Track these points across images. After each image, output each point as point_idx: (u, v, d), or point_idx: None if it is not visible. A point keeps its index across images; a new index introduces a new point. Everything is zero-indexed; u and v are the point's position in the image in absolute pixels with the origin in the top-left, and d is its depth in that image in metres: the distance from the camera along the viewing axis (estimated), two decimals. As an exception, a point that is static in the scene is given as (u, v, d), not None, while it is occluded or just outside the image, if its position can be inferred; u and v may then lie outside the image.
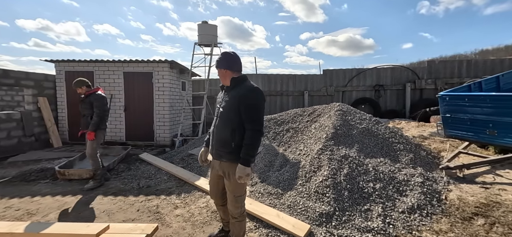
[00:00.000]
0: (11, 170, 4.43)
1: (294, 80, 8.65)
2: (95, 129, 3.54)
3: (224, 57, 1.89)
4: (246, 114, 1.76)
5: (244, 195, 1.96)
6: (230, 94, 1.85)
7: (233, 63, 1.88)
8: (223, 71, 1.87)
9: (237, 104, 1.77)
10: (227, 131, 1.80)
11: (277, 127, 5.22)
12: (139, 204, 3.19)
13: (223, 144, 1.83)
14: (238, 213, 1.93)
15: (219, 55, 1.92)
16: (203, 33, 6.84)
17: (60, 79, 6.46)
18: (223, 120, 1.85)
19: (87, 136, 3.54)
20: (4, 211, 3.00)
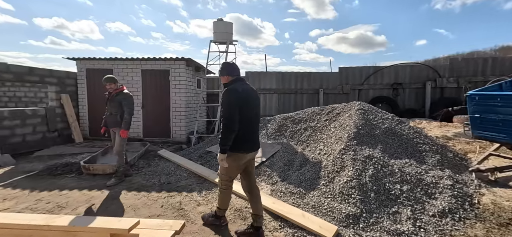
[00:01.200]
0: (38, 164, 4.61)
1: (309, 78, 8.53)
2: (128, 127, 3.66)
3: (223, 67, 2.36)
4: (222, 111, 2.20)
5: (224, 178, 2.38)
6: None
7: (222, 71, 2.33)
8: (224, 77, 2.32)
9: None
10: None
11: (295, 125, 5.17)
12: (162, 200, 3.24)
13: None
14: (219, 187, 2.47)
15: (221, 65, 2.37)
16: (218, 31, 6.85)
17: (81, 77, 6.65)
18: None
19: (121, 134, 3.64)
20: (36, 204, 3.12)
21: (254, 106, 2.30)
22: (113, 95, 3.70)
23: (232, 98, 2.11)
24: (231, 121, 2.08)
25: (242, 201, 3.12)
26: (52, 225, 2.09)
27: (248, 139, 2.24)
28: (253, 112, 2.29)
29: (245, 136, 2.19)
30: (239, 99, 2.12)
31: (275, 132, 5.21)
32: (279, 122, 5.42)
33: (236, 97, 2.12)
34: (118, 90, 3.73)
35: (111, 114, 3.73)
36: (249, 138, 2.24)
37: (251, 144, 2.27)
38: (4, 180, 3.84)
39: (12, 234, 2.14)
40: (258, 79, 8.67)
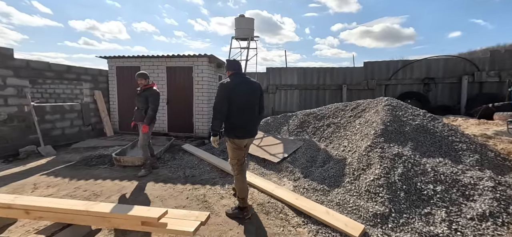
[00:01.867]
0: (75, 155, 5.00)
1: (332, 74, 8.29)
2: (150, 123, 3.81)
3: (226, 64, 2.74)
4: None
5: (233, 161, 2.63)
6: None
7: (226, 67, 2.71)
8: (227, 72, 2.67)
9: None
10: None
11: (317, 122, 5.06)
12: (187, 192, 3.35)
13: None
14: (234, 175, 2.68)
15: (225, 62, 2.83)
16: (240, 27, 6.88)
17: (112, 74, 7.07)
18: None
19: (142, 129, 3.80)
20: (75, 191, 3.39)
21: (249, 97, 2.56)
22: (142, 91, 3.87)
23: (220, 91, 2.46)
24: (216, 110, 2.45)
25: (265, 196, 3.13)
26: (90, 211, 2.25)
27: (240, 126, 2.51)
28: (247, 102, 2.54)
29: (236, 123, 2.49)
30: (227, 92, 2.44)
31: (297, 128, 5.14)
32: (301, 118, 5.34)
33: (224, 90, 2.45)
34: (148, 86, 3.89)
35: (137, 108, 3.91)
36: (241, 125, 2.51)
37: (243, 132, 2.53)
38: (47, 169, 4.21)
39: (56, 217, 2.34)
40: (279, 75, 8.60)
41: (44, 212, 2.35)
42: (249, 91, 2.57)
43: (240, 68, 2.70)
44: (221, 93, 2.46)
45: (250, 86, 2.59)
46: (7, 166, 4.29)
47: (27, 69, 5.10)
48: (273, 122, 5.65)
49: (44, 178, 3.81)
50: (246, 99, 2.53)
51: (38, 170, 4.15)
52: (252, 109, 2.60)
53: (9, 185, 3.53)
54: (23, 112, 4.96)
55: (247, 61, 6.94)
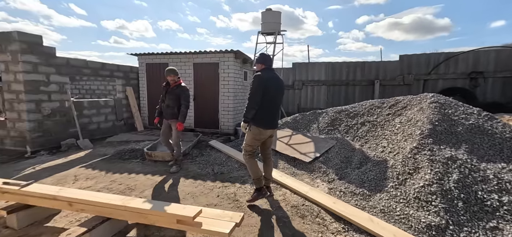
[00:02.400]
0: (110, 149, 5.23)
1: (363, 68, 7.80)
2: (184, 120, 3.81)
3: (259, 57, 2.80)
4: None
5: (248, 148, 2.79)
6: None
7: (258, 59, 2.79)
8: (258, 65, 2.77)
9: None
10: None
11: (350, 120, 4.75)
12: (217, 189, 3.30)
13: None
14: (244, 159, 2.87)
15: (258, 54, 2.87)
16: (266, 21, 6.70)
17: (142, 71, 7.30)
18: None
19: (177, 127, 3.80)
20: (111, 184, 3.50)
21: (276, 93, 2.72)
22: (172, 88, 3.85)
23: (257, 82, 2.60)
24: (254, 100, 2.59)
25: (298, 198, 2.97)
26: (127, 206, 2.27)
27: (267, 118, 2.69)
28: (274, 97, 2.70)
29: (264, 115, 2.66)
30: (262, 83, 2.58)
31: (328, 126, 4.87)
32: (332, 115, 5.06)
33: (261, 82, 2.59)
34: (177, 83, 3.87)
35: (168, 106, 3.83)
36: (267, 117, 2.69)
37: (268, 123, 2.71)
38: (86, 161, 4.44)
39: (96, 211, 2.40)
40: (306, 70, 8.29)
41: (86, 205, 2.42)
42: (277, 87, 2.74)
43: (271, 63, 2.85)
44: (257, 84, 2.60)
45: (278, 82, 2.78)
46: (52, 158, 4.59)
47: (67, 67, 5.42)
48: (301, 119, 5.43)
49: (83, 170, 4.00)
50: (274, 94, 2.70)
51: (77, 162, 4.38)
52: (277, 103, 2.78)
53: (53, 176, 3.75)
54: (64, 107, 5.29)
55: (273, 56, 6.74)
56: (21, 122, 4.69)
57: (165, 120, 3.97)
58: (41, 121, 4.87)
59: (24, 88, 4.58)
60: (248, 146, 2.79)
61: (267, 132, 2.74)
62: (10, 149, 4.82)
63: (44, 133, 4.93)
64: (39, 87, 4.82)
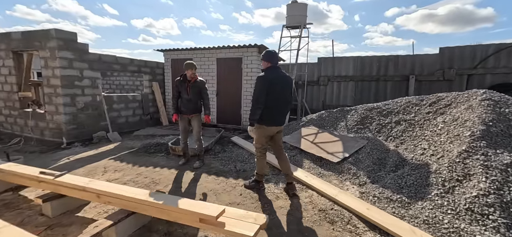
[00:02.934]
0: (137, 142, 5.39)
1: (396, 62, 7.20)
2: (210, 112, 3.78)
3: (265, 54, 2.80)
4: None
5: (258, 145, 2.90)
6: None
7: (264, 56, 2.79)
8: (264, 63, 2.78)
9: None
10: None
11: (382, 118, 4.37)
12: (240, 188, 3.19)
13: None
14: (256, 155, 2.95)
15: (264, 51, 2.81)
16: (291, 14, 6.44)
17: (167, 66, 7.46)
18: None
19: (206, 119, 3.77)
20: (137, 177, 3.57)
21: (282, 91, 2.73)
22: (194, 82, 3.75)
23: (261, 83, 2.64)
24: (257, 101, 2.64)
25: (326, 201, 2.76)
26: (151, 202, 2.25)
27: (270, 116, 2.73)
28: (280, 96, 2.73)
29: (269, 114, 2.71)
30: (266, 84, 2.62)
31: (357, 125, 4.54)
32: (362, 113, 4.71)
33: (264, 83, 2.63)
34: (196, 77, 3.75)
35: (190, 100, 3.73)
36: (270, 115, 2.73)
37: (271, 121, 2.76)
38: (114, 154, 4.60)
39: (122, 204, 2.42)
40: (332, 65, 7.89)
41: (112, 198, 2.45)
42: (283, 85, 2.75)
43: (277, 61, 2.85)
44: (260, 86, 2.65)
45: (284, 80, 2.78)
46: (84, 149, 4.84)
47: (99, 62, 5.67)
48: (328, 116, 5.14)
49: (112, 162, 4.14)
50: (280, 92, 2.72)
51: (107, 154, 4.56)
52: (284, 101, 2.79)
53: (85, 167, 3.93)
54: (96, 101, 5.55)
55: (298, 51, 6.49)
56: (58, 114, 5.00)
57: (185, 115, 3.84)
58: (75, 114, 5.16)
59: (61, 83, 4.86)
60: (257, 143, 2.89)
61: (272, 129, 2.80)
62: (49, 140, 5.17)
63: (78, 125, 5.22)
64: (74, 82, 5.10)
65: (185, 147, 4.03)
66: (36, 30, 4.89)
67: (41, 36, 4.84)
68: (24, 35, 5.02)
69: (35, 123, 5.30)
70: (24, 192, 3.08)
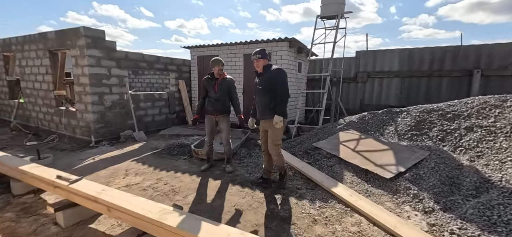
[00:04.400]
0: (161, 142, 5.21)
1: (455, 55, 6.03)
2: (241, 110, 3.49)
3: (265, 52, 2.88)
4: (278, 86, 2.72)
5: (279, 141, 2.84)
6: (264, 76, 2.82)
7: (265, 55, 2.86)
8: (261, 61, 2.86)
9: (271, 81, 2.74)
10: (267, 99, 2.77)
11: (447, 122, 3.51)
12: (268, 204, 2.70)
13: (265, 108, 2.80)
14: (275, 153, 2.86)
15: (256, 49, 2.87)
16: (327, 3, 5.72)
17: (194, 63, 7.25)
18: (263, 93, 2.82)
19: (241, 118, 3.47)
20: (157, 183, 3.28)
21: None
22: (222, 80, 3.41)
23: (285, 75, 2.75)
24: (288, 93, 2.71)
25: (380, 231, 2.12)
26: (163, 224, 1.87)
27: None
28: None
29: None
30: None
31: (411, 130, 3.73)
32: (417, 116, 3.88)
33: (286, 74, 2.78)
34: (224, 75, 3.44)
35: (217, 100, 3.42)
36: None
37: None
38: (138, 154, 4.44)
39: (133, 222, 2.08)
40: (373, 59, 6.95)
41: (122, 213, 2.13)
42: None
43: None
44: (286, 78, 2.76)
45: None
46: (110, 148, 4.77)
47: (126, 60, 5.61)
48: (371, 119, 4.38)
49: (134, 164, 3.95)
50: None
51: (131, 155, 4.41)
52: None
53: (108, 168, 3.78)
54: (123, 99, 5.50)
55: (335, 43, 5.74)
56: (87, 113, 5.01)
57: (211, 116, 3.51)
58: (103, 113, 5.14)
59: (89, 81, 4.84)
60: (279, 139, 2.85)
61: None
62: (80, 138, 5.23)
63: (105, 124, 5.19)
64: (102, 80, 5.06)
65: (210, 150, 3.68)
66: (67, 29, 4.93)
67: (71, 35, 4.87)
68: (57, 34, 5.12)
69: (68, 121, 5.41)
70: (45, 195, 2.95)
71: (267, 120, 2.81)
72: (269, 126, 2.78)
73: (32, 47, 5.68)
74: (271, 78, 2.71)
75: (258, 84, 2.89)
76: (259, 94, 2.85)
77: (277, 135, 2.78)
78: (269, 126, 2.79)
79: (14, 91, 6.74)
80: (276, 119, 2.63)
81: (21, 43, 5.91)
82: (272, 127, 2.71)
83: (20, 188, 2.96)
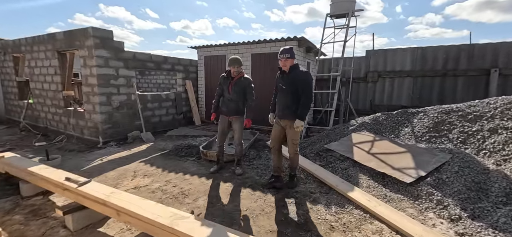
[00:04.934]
0: (169, 143, 5.15)
1: (470, 53, 5.81)
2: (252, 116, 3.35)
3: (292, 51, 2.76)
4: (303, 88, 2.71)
5: (298, 141, 2.88)
6: (289, 76, 2.73)
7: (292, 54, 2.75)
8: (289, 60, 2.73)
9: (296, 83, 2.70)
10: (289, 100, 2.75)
11: (468, 124, 3.34)
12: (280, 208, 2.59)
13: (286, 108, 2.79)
14: (293, 151, 2.88)
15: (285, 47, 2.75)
16: (338, 1, 5.57)
17: (201, 64, 7.19)
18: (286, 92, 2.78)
19: (246, 123, 3.32)
20: (166, 185, 3.20)
21: None
22: (237, 79, 3.26)
23: (311, 79, 2.80)
24: (312, 98, 2.72)
25: (406, 242, 1.98)
26: (175, 230, 1.80)
27: None
28: None
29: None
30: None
31: (429, 132, 3.57)
32: (435, 116, 3.71)
33: (312, 78, 2.93)
34: (241, 74, 3.29)
35: (231, 100, 3.28)
36: None
37: None
38: (146, 156, 4.38)
39: (143, 227, 2.01)
40: (384, 58, 6.77)
41: (132, 218, 2.05)
42: None
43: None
44: (312, 84, 2.82)
45: None
46: (118, 149, 4.73)
47: (133, 61, 5.57)
48: (385, 120, 4.22)
49: (142, 166, 3.89)
50: None
51: (138, 156, 4.35)
52: None
53: (116, 169, 3.72)
54: (131, 100, 5.46)
55: (344, 43, 5.60)
56: (95, 113, 4.98)
57: (225, 116, 3.40)
58: (111, 113, 5.11)
59: (97, 82, 4.81)
60: (298, 139, 2.87)
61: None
62: (88, 139, 5.21)
63: (113, 125, 5.16)
64: (110, 81, 5.03)
65: (220, 151, 3.57)
66: (76, 29, 4.92)
67: (80, 35, 4.85)
68: (66, 35, 5.11)
69: (76, 121, 5.40)
70: (54, 197, 2.90)
71: (285, 120, 2.80)
72: (289, 126, 2.78)
73: (41, 48, 5.70)
74: (297, 80, 2.68)
75: (281, 82, 2.82)
76: (282, 93, 2.80)
77: (296, 134, 2.80)
78: (288, 126, 2.78)
79: (23, 92, 6.79)
80: (297, 123, 2.65)
81: (30, 44, 5.93)
82: (292, 127, 2.73)
83: (29, 190, 2.92)
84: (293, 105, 2.71)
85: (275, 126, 2.98)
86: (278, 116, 2.90)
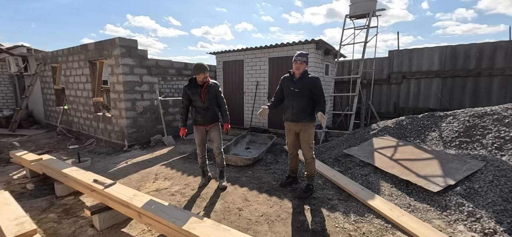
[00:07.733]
0: (188, 147, 5.31)
1: (508, 50, 5.32)
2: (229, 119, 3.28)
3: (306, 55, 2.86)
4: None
5: (313, 144, 2.91)
6: (302, 80, 2.81)
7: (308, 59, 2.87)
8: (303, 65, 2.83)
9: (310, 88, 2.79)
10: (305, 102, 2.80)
11: (504, 128, 3.06)
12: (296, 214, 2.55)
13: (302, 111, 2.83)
14: (310, 156, 2.89)
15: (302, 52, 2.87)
16: (357, 1, 5.41)
17: (219, 69, 7.35)
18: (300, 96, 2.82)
19: (227, 128, 3.25)
20: (185, 188, 3.31)
21: None
22: (208, 86, 3.07)
23: (321, 84, 2.84)
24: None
25: None
26: (192, 234, 1.84)
27: None
28: None
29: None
30: None
31: (460, 137, 3.32)
32: (466, 120, 3.44)
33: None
34: (209, 81, 3.11)
35: (207, 109, 3.10)
36: None
37: None
38: (167, 159, 4.55)
39: (162, 230, 2.09)
40: (408, 58, 6.42)
41: (152, 221, 2.15)
42: None
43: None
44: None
45: None
46: (141, 153, 4.98)
47: (156, 68, 5.85)
48: (410, 124, 4.00)
49: (163, 169, 4.05)
50: None
51: (160, 159, 4.54)
52: None
53: (140, 172, 3.92)
54: (153, 105, 5.73)
55: (365, 43, 5.40)
56: (121, 118, 5.30)
57: (201, 127, 3.21)
58: (135, 118, 5.39)
59: (123, 88, 5.12)
60: (313, 141, 2.92)
61: None
62: (115, 142, 5.54)
63: (137, 129, 5.44)
64: (134, 87, 5.33)
65: (203, 163, 3.37)
66: (105, 40, 5.28)
67: (108, 45, 5.20)
68: (96, 45, 5.51)
69: (104, 125, 5.78)
70: (83, 197, 3.12)
71: (302, 122, 2.85)
72: (304, 129, 2.84)
73: (74, 58, 6.20)
74: (311, 85, 2.78)
75: (292, 86, 2.86)
76: (296, 97, 2.83)
77: (311, 136, 2.87)
78: (304, 129, 2.84)
79: (60, 99, 7.42)
80: (321, 114, 2.66)
81: (66, 55, 6.48)
82: (307, 129, 2.83)
83: (62, 190, 3.17)
84: (308, 107, 2.80)
85: (289, 133, 3.03)
86: (291, 120, 2.91)
